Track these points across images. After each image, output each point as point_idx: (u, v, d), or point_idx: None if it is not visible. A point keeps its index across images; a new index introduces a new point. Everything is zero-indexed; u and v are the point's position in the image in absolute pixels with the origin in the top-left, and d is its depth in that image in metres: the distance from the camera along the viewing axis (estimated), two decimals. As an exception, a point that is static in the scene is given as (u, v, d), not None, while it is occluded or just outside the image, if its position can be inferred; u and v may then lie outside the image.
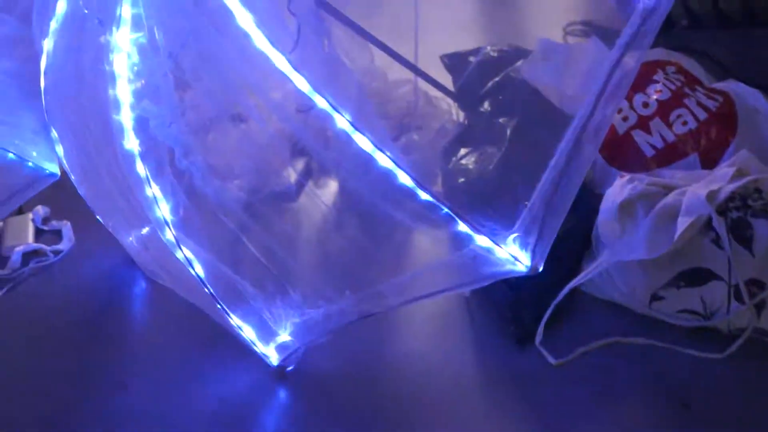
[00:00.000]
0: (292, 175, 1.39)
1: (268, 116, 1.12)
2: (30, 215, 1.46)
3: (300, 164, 1.41)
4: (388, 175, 0.85)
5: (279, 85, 0.91)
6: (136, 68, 0.92)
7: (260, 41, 0.85)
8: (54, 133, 1.15)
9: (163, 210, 0.99)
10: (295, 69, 0.85)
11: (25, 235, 1.43)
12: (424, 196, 0.85)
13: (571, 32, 1.75)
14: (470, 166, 1.23)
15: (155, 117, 0.92)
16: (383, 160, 0.85)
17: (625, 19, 0.83)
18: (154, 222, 1.00)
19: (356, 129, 0.85)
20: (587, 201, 1.12)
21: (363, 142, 0.85)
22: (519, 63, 1.34)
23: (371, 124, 0.90)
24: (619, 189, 1.09)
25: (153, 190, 0.98)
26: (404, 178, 0.85)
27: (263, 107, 1.07)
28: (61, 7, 1.01)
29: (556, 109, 1.22)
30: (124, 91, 0.91)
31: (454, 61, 1.42)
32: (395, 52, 1.34)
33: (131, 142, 0.94)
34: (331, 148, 0.97)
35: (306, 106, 0.90)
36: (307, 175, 1.41)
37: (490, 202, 1.09)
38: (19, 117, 1.23)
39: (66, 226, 1.45)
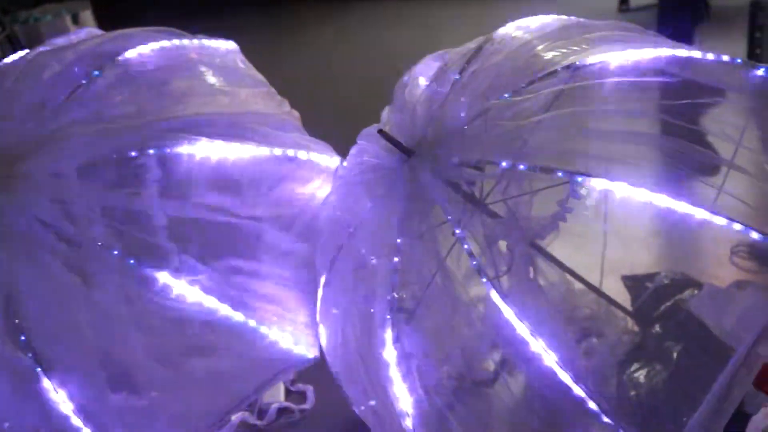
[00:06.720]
0: (491, 365, 1.72)
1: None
2: (282, 377, 1.85)
3: (497, 356, 1.73)
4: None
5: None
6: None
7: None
8: (321, 328, 1.54)
9: (405, 405, 1.34)
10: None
11: (278, 393, 1.82)
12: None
13: (736, 252, 1.97)
14: (641, 380, 1.51)
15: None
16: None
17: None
18: (399, 414, 1.36)
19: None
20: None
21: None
22: (687, 292, 1.61)
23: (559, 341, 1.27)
24: (762, 417, 1.33)
25: (400, 390, 1.34)
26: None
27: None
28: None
29: (718, 341, 1.47)
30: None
31: (633, 283, 1.72)
32: (587, 281, 1.65)
33: (389, 354, 1.31)
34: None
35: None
36: (502, 366, 1.73)
37: (656, 417, 1.37)
38: (295, 313, 1.60)
39: (309, 390, 1.83)
